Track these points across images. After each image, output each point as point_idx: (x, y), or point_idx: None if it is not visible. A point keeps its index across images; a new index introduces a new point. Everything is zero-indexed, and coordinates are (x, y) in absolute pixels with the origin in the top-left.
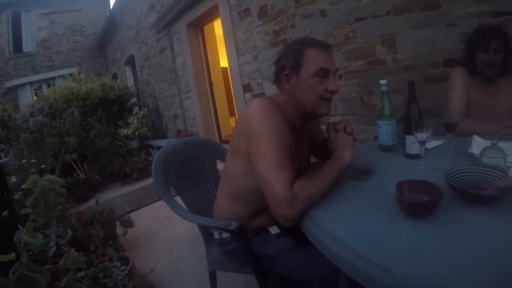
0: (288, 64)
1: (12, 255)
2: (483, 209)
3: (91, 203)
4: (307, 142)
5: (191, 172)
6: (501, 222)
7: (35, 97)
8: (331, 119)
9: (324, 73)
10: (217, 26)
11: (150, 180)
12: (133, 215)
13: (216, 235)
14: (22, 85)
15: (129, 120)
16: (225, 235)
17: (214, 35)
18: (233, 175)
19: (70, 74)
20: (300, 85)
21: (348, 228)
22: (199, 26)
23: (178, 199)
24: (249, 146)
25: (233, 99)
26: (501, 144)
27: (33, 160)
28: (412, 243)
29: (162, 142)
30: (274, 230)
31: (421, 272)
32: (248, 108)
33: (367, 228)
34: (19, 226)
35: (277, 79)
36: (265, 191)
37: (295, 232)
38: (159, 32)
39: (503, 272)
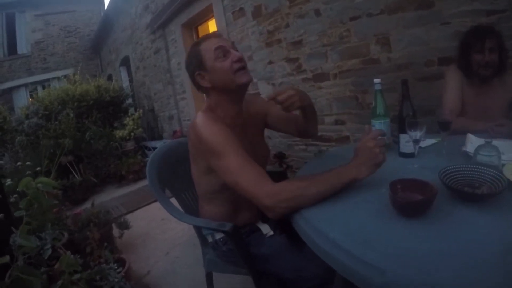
0: (194, 66)
1: (7, 258)
2: (477, 208)
3: (87, 205)
4: (256, 122)
5: (186, 173)
6: (495, 221)
7: (30, 99)
8: (326, 119)
9: (222, 51)
10: (212, 27)
11: (146, 182)
12: (129, 217)
13: (210, 238)
14: (17, 87)
15: (125, 122)
16: (218, 236)
17: None
18: (195, 179)
19: (65, 76)
20: (213, 74)
21: (341, 227)
22: (193, 27)
23: (173, 200)
24: (209, 160)
25: None
26: (495, 142)
27: (28, 163)
28: (405, 242)
29: (157, 143)
30: (265, 229)
31: (413, 272)
32: (194, 127)
33: (360, 227)
34: (13, 229)
35: (196, 85)
36: (242, 194)
37: (288, 231)
38: (154, 33)
39: (497, 271)
